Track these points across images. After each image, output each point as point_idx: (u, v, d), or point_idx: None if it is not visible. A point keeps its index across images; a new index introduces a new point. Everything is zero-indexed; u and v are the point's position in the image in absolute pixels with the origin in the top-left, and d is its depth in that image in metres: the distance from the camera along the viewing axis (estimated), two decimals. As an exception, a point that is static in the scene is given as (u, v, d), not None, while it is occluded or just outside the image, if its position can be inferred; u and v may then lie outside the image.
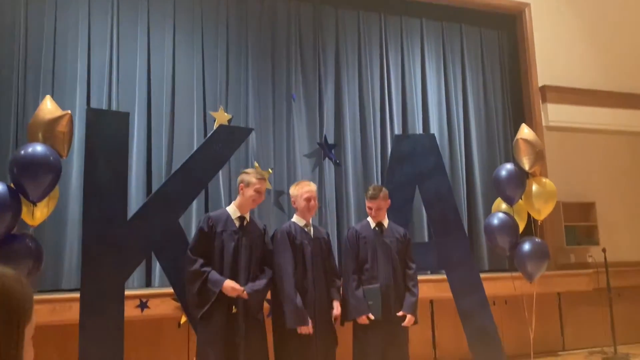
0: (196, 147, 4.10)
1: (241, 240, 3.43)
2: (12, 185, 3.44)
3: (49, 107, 3.65)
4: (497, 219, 4.72)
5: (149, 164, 5.40)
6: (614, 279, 5.85)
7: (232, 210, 3.53)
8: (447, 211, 4.36)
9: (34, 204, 3.48)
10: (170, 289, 3.99)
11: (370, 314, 3.56)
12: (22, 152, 3.44)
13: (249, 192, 3.50)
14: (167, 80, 5.58)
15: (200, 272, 3.28)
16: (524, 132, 4.84)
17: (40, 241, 3.66)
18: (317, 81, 6.23)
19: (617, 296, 6.02)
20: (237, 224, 3.48)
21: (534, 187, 4.70)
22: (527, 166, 4.69)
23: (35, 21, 5.20)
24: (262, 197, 3.59)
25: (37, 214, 3.56)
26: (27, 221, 3.58)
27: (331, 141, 6.13)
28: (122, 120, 3.73)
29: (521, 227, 4.79)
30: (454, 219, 4.37)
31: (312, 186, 3.75)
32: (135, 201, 4.98)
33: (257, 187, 3.50)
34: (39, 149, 3.45)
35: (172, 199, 3.73)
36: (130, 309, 4.09)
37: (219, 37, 5.90)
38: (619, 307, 6.04)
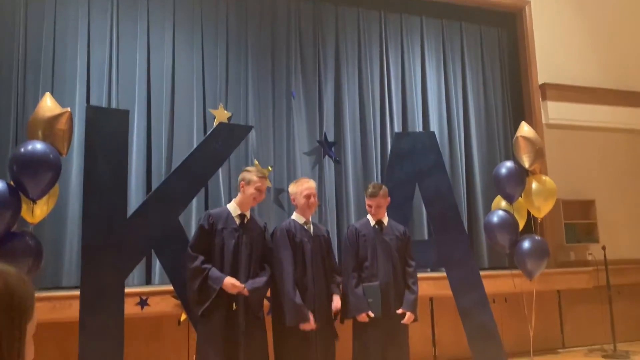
0: (196, 145, 4.10)
1: (241, 237, 3.44)
2: (12, 183, 3.44)
3: (48, 105, 3.65)
4: (497, 216, 4.72)
5: (148, 162, 5.40)
6: (613, 276, 5.86)
7: (232, 207, 3.53)
8: (447, 209, 4.36)
9: (34, 202, 3.48)
10: (170, 287, 4.00)
11: (370, 312, 3.56)
12: (22, 149, 3.44)
13: (249, 190, 3.51)
14: (167, 78, 5.57)
15: (200, 269, 3.28)
16: (524, 129, 4.84)
17: (40, 239, 3.65)
18: (317, 79, 6.23)
19: (616, 294, 6.03)
20: (238, 221, 3.48)
21: (534, 185, 4.70)
22: (527, 164, 4.69)
23: (35, 19, 5.19)
24: (263, 195, 3.59)
25: (37, 212, 3.57)
26: (27, 219, 3.58)
27: (331, 139, 6.13)
28: (121, 118, 3.73)
29: (521, 224, 4.79)
30: (454, 216, 4.37)
31: (311, 183, 3.75)
32: (135, 199, 4.98)
33: (257, 185, 3.51)
34: (38, 146, 3.45)
35: (172, 197, 3.74)
36: (130, 307, 4.09)
37: (218, 34, 5.89)
38: (619, 304, 6.05)
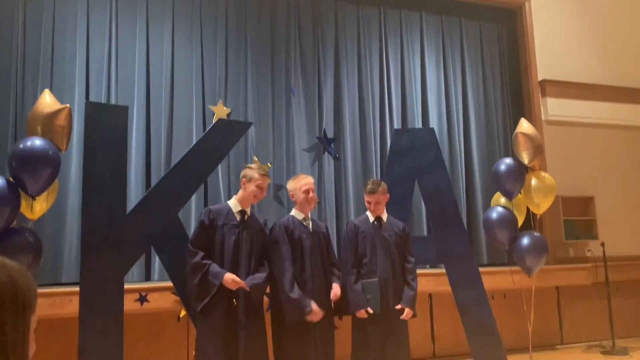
0: (195, 141, 4.09)
1: (242, 234, 3.44)
2: (11, 179, 3.44)
3: (47, 101, 3.64)
4: (496, 213, 4.72)
5: (148, 158, 5.40)
6: (612, 273, 5.87)
7: (233, 204, 3.54)
8: (446, 205, 4.36)
9: (33, 198, 3.48)
10: (169, 283, 4.00)
11: (369, 308, 3.56)
12: (21, 145, 3.44)
13: (250, 187, 3.51)
14: (166, 74, 5.56)
15: (201, 265, 3.28)
16: (524, 126, 4.84)
17: (39, 235, 3.66)
18: (317, 75, 6.22)
19: (615, 290, 6.05)
20: (238, 217, 3.48)
21: (533, 182, 4.70)
22: (526, 160, 4.69)
23: (33, 15, 5.18)
24: (264, 193, 3.59)
25: (36, 208, 3.57)
26: (27, 215, 3.58)
27: (330, 135, 6.12)
28: (121, 114, 3.72)
29: (520, 221, 4.79)
30: (453, 213, 4.37)
31: (309, 179, 3.75)
32: (134, 195, 4.98)
33: (259, 182, 3.50)
34: (37, 142, 3.44)
35: (171, 193, 3.73)
36: (129, 303, 4.10)
37: (218, 30, 5.88)
38: (617, 301, 6.07)
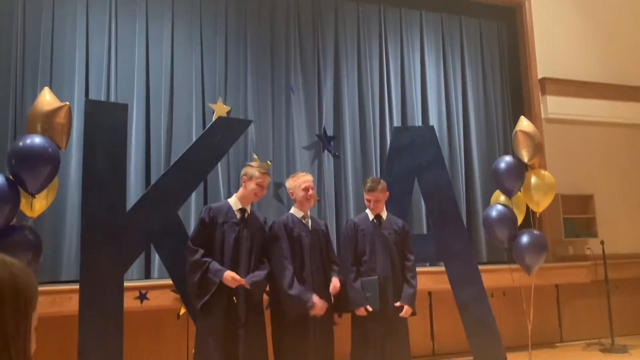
0: (195, 139, 4.09)
1: (242, 231, 3.44)
2: (11, 177, 3.44)
3: (47, 99, 3.64)
4: (495, 211, 4.72)
5: (147, 156, 5.40)
6: (611, 271, 5.88)
7: (233, 202, 3.54)
8: (446, 203, 4.36)
9: (33, 196, 3.48)
10: (169, 281, 4.00)
11: (368, 306, 3.56)
12: (21, 143, 3.43)
13: (251, 185, 3.51)
14: (166, 71, 5.56)
15: (200, 262, 3.28)
16: (523, 124, 4.83)
17: (39, 233, 3.66)
18: (317, 73, 6.22)
19: (614, 288, 6.05)
20: (239, 215, 3.48)
21: (533, 180, 4.70)
22: (526, 158, 4.68)
23: (33, 13, 5.17)
24: (264, 191, 3.59)
25: (36, 206, 3.56)
26: (26, 213, 3.57)
27: (330, 133, 6.12)
28: (120, 111, 3.71)
29: (520, 219, 4.79)
30: (453, 211, 4.37)
31: (308, 176, 3.75)
32: (134, 193, 4.98)
33: (259, 181, 3.50)
34: (37, 140, 3.44)
35: (171, 191, 3.73)
36: (129, 301, 4.10)
37: (217, 28, 5.87)
38: (617, 299, 6.07)
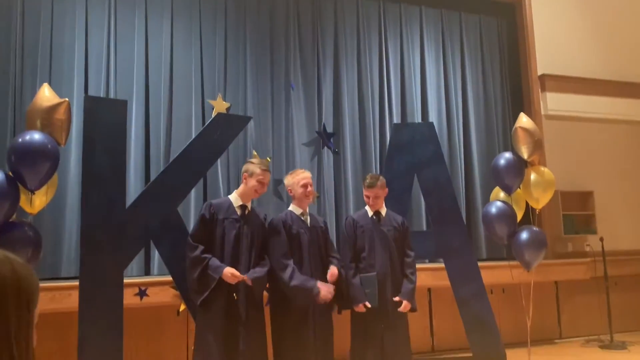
0: (194, 136, 4.09)
1: (242, 228, 3.44)
2: (10, 173, 3.43)
3: (46, 95, 3.63)
4: (495, 207, 4.72)
5: (147, 152, 5.39)
6: (611, 267, 5.89)
7: (234, 198, 3.53)
8: (446, 200, 4.37)
9: (32, 192, 3.47)
10: (169, 277, 4.00)
11: (367, 302, 3.57)
12: (20, 140, 3.43)
13: (251, 182, 3.50)
14: (165, 67, 5.55)
15: (200, 259, 3.28)
16: (523, 120, 4.82)
17: (39, 229, 3.66)
18: (316, 69, 6.21)
19: (614, 285, 6.06)
20: (239, 212, 3.48)
21: (533, 176, 4.70)
22: (525, 155, 4.68)
23: (32, 9, 5.16)
24: (265, 188, 3.59)
25: (35, 202, 3.56)
26: (26, 209, 3.57)
27: (330, 130, 6.12)
28: (120, 108, 3.71)
29: (519, 215, 4.79)
30: (452, 207, 4.38)
31: (307, 173, 3.75)
32: (133, 189, 4.98)
33: (260, 177, 3.50)
34: (36, 136, 3.43)
35: (170, 187, 3.73)
36: (129, 297, 4.11)
37: (217, 24, 5.86)
38: (616, 295, 6.08)
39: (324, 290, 3.40)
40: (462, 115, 6.82)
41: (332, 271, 3.54)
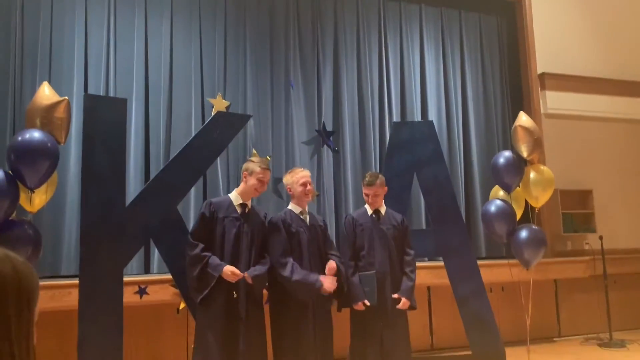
0: (194, 134, 4.09)
1: (243, 226, 3.43)
2: (10, 171, 3.44)
3: (46, 94, 3.63)
4: (494, 206, 4.72)
5: (147, 150, 5.40)
6: (610, 266, 5.89)
7: (234, 197, 3.53)
8: (445, 198, 4.37)
9: (32, 191, 3.48)
10: (169, 276, 4.00)
11: (366, 300, 3.57)
12: (20, 138, 3.43)
13: (251, 180, 3.50)
14: (165, 66, 5.55)
15: (200, 257, 3.28)
16: (522, 119, 4.83)
17: (38, 227, 3.66)
18: (316, 68, 6.21)
19: (613, 283, 6.07)
20: (239, 210, 3.47)
21: (532, 175, 4.70)
22: (525, 153, 4.68)
23: (31, 7, 5.16)
24: (265, 186, 3.59)
25: (35, 201, 3.56)
26: (26, 207, 3.58)
27: (329, 128, 6.12)
28: (119, 106, 3.71)
29: (518, 214, 4.79)
30: (452, 206, 4.38)
31: (306, 172, 3.74)
32: (133, 187, 4.99)
33: (260, 176, 3.50)
34: (36, 135, 3.43)
35: (170, 186, 3.73)
36: (129, 295, 4.11)
37: (216, 23, 5.86)
38: (615, 294, 6.09)
39: (327, 282, 3.41)
40: (462, 113, 6.82)
41: (330, 265, 3.53)
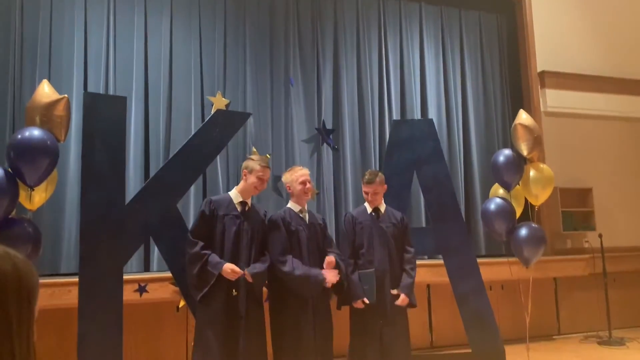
0: (194, 132, 4.09)
1: (243, 224, 3.44)
2: (10, 169, 3.43)
3: (46, 91, 3.62)
4: (494, 204, 4.72)
5: (146, 149, 5.39)
6: (609, 264, 5.89)
7: (234, 195, 3.53)
8: (445, 196, 4.37)
9: (32, 189, 3.47)
10: (168, 274, 4.01)
11: (365, 298, 3.57)
12: (19, 136, 3.42)
13: (251, 178, 3.51)
14: (165, 64, 5.54)
15: (200, 255, 3.29)
16: (522, 117, 4.82)
17: (38, 225, 3.66)
18: (316, 66, 6.21)
19: (612, 281, 6.08)
20: (239, 208, 3.48)
21: (532, 173, 4.70)
22: (525, 152, 4.68)
23: (31, 5, 5.15)
24: (265, 184, 3.59)
25: (35, 199, 3.56)
26: (26, 205, 3.57)
27: (329, 126, 6.12)
28: (119, 104, 3.71)
29: (518, 212, 4.79)
30: (452, 204, 4.38)
31: (305, 170, 3.75)
32: (133, 185, 4.99)
33: (260, 174, 3.50)
34: (36, 133, 3.43)
35: (170, 184, 3.73)
36: (128, 293, 4.11)
37: (216, 21, 5.85)
38: (615, 292, 6.10)
39: (329, 275, 3.43)
40: (462, 111, 6.82)
41: (329, 259, 3.53)
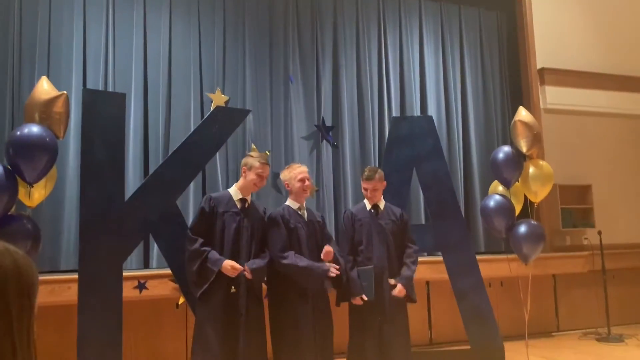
0: (193, 129, 4.09)
1: (243, 221, 3.43)
2: (9, 166, 3.43)
3: (45, 88, 3.62)
4: (493, 201, 4.72)
5: (146, 145, 5.39)
6: (609, 261, 5.90)
7: (234, 191, 3.53)
8: (444, 193, 4.37)
9: (31, 186, 3.47)
10: (168, 270, 4.01)
11: (363, 295, 3.57)
12: (18, 133, 3.42)
13: (250, 175, 3.50)
14: (164, 61, 5.54)
15: (199, 252, 3.28)
16: (522, 114, 4.82)
17: (38, 222, 3.66)
18: (315, 63, 6.21)
19: (611, 278, 6.09)
20: (239, 205, 3.47)
21: (531, 170, 4.70)
22: (524, 148, 4.68)
23: (30, 2, 5.14)
24: (264, 181, 3.59)
25: (34, 195, 3.56)
26: (25, 202, 3.57)
27: (329, 123, 6.12)
28: (118, 101, 3.70)
29: (517, 209, 4.79)
30: (451, 201, 4.38)
31: (304, 167, 3.74)
32: (132, 182, 4.99)
33: (259, 171, 3.50)
34: (35, 129, 3.42)
35: (169, 181, 3.73)
36: (128, 290, 4.12)
37: (215, 18, 5.84)
38: (614, 289, 6.11)
39: (331, 269, 3.42)
40: (461, 108, 6.82)
41: (327, 249, 3.49)
